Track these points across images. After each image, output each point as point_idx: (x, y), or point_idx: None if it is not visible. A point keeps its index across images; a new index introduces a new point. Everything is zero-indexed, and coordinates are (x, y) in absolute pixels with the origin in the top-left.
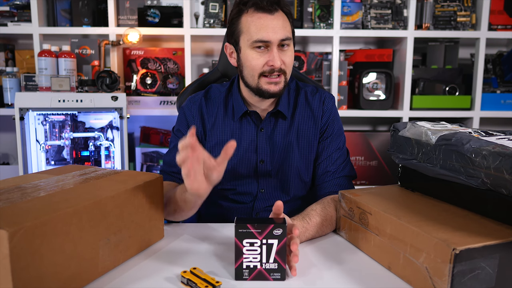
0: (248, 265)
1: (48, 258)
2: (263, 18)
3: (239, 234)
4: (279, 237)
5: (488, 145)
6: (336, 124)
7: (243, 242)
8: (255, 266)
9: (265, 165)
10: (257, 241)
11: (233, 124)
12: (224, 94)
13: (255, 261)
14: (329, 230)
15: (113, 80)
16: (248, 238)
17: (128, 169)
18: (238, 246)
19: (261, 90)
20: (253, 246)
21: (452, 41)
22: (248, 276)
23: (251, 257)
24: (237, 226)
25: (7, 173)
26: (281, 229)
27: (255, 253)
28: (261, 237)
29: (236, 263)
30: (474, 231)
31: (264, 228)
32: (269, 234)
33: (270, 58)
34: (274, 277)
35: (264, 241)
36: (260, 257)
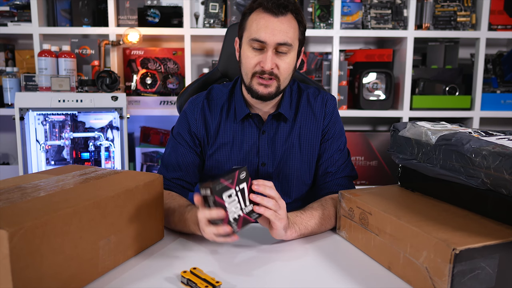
0: (234, 217)
1: (48, 258)
2: (266, 19)
3: (218, 191)
4: (245, 179)
5: (488, 145)
6: (338, 126)
7: (223, 197)
8: (239, 215)
9: (267, 167)
10: (232, 191)
11: (235, 127)
12: (226, 95)
13: (237, 210)
14: (328, 225)
15: (113, 80)
16: (225, 191)
17: (128, 169)
18: (221, 204)
19: (252, 90)
20: (231, 197)
21: (452, 41)
22: (237, 228)
23: (233, 208)
24: (214, 185)
25: (7, 173)
26: (244, 171)
27: (235, 203)
28: (234, 185)
29: (225, 221)
30: (474, 231)
31: (233, 176)
32: (238, 180)
33: (263, 59)
34: (254, 217)
35: (237, 188)
36: (239, 205)
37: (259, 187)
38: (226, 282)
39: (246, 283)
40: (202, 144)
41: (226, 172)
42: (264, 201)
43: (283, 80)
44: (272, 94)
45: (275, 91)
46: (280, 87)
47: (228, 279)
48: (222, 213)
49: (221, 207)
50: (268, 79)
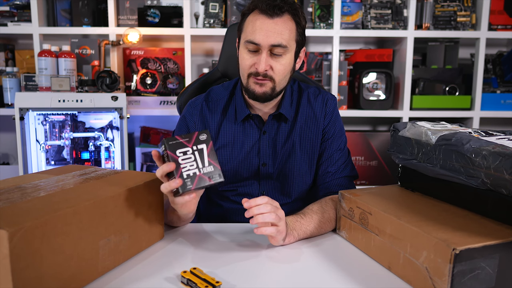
0: (188, 173)
1: (48, 258)
2: (260, 20)
3: (170, 146)
4: (206, 142)
5: (488, 145)
6: (338, 125)
7: (176, 153)
8: (195, 173)
9: (267, 168)
10: (188, 149)
11: (235, 127)
12: (226, 97)
13: (192, 168)
14: (328, 228)
15: (113, 80)
16: (180, 148)
17: (128, 169)
18: (173, 158)
19: (249, 90)
20: (186, 154)
21: (452, 41)
22: (191, 185)
23: (188, 165)
24: (166, 139)
25: (7, 173)
26: (205, 134)
27: (190, 161)
28: (191, 144)
29: (177, 175)
30: (474, 231)
31: (191, 136)
32: (196, 141)
33: (257, 61)
34: (214, 178)
35: (194, 148)
36: (196, 163)
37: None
38: (226, 282)
39: (246, 283)
40: None
41: (184, 134)
42: (266, 218)
43: (278, 82)
44: (267, 95)
45: (270, 92)
46: (275, 88)
47: (228, 279)
48: (172, 165)
49: (173, 161)
50: (262, 79)
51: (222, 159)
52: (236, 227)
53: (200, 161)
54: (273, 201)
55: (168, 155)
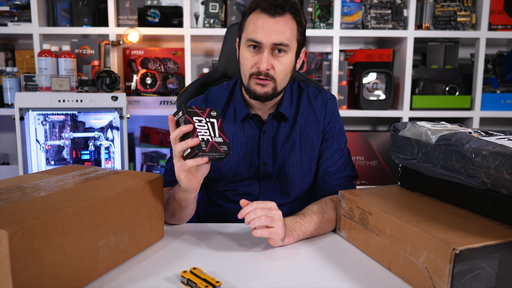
0: (203, 137)
1: (48, 258)
2: (262, 19)
3: (188, 112)
4: (216, 118)
5: (488, 145)
6: (338, 125)
7: (193, 119)
8: (208, 139)
9: (267, 167)
10: (202, 119)
11: (235, 127)
12: (226, 97)
13: (206, 135)
14: (328, 228)
15: (113, 80)
16: (196, 116)
17: (128, 169)
18: (190, 122)
19: (250, 90)
20: (201, 122)
21: (452, 41)
22: (206, 147)
23: (202, 131)
24: (185, 107)
25: (7, 173)
26: (215, 111)
27: (204, 128)
28: (204, 116)
29: (194, 135)
30: (474, 231)
31: (204, 110)
32: (209, 115)
33: (259, 60)
34: (223, 148)
35: (207, 119)
36: (208, 131)
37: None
38: (226, 282)
39: (246, 283)
40: None
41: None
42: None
43: (279, 81)
44: (268, 95)
45: (271, 92)
46: (276, 88)
47: (228, 279)
48: (190, 126)
49: (190, 123)
50: (264, 79)
51: None
52: (236, 227)
53: (212, 131)
54: (266, 203)
55: (186, 119)
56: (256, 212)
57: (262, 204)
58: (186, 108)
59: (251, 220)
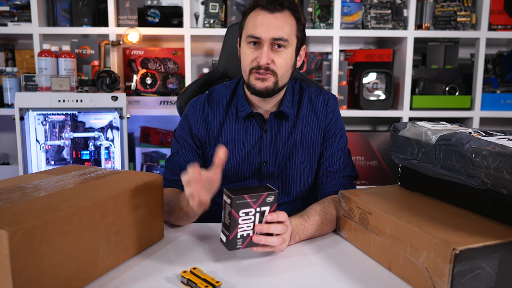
0: (242, 234)
1: (48, 258)
2: (261, 15)
3: (236, 205)
4: (270, 204)
5: (488, 145)
6: (339, 125)
7: (239, 213)
8: (248, 234)
9: (268, 166)
10: (252, 210)
11: (237, 126)
12: (228, 96)
13: (248, 229)
14: (329, 229)
15: (113, 80)
16: (244, 208)
17: (128, 169)
18: (234, 217)
19: (250, 86)
20: (248, 215)
21: (452, 41)
22: (241, 245)
23: (245, 226)
24: (235, 197)
25: (7, 173)
26: (273, 196)
27: (249, 222)
28: (256, 205)
29: (231, 234)
30: (474, 231)
31: (259, 197)
32: (262, 203)
33: (259, 54)
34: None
35: (257, 209)
36: (253, 225)
37: (272, 218)
38: (226, 282)
39: (246, 283)
40: (204, 145)
41: (255, 188)
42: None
43: (280, 76)
44: (269, 89)
45: (272, 86)
46: (278, 83)
47: (228, 279)
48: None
49: (234, 220)
50: (264, 73)
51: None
52: None
53: (258, 221)
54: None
55: (230, 212)
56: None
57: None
58: (236, 201)
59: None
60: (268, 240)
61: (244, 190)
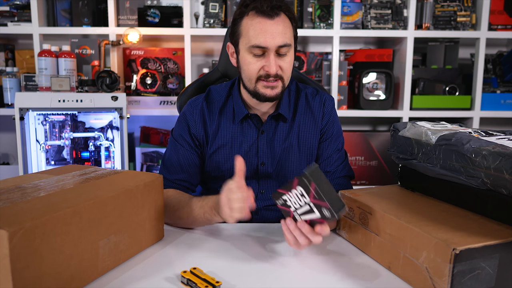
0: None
1: (48, 258)
2: (263, 23)
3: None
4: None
5: (488, 145)
6: (336, 126)
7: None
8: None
9: (266, 167)
10: (307, 199)
11: (233, 127)
12: (224, 97)
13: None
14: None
15: (113, 80)
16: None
17: (128, 169)
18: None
19: (258, 94)
20: (303, 200)
21: (452, 41)
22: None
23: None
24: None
25: (7, 173)
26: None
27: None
28: (288, 191)
29: (325, 204)
30: (474, 231)
31: (291, 185)
32: (305, 185)
33: (266, 63)
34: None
35: (293, 193)
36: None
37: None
38: (226, 282)
39: (246, 283)
40: (202, 145)
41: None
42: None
43: (286, 79)
44: (278, 95)
45: (281, 91)
46: (284, 86)
47: (228, 279)
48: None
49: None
50: (274, 80)
51: (220, 159)
52: (236, 227)
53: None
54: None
55: (316, 189)
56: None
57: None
58: (313, 169)
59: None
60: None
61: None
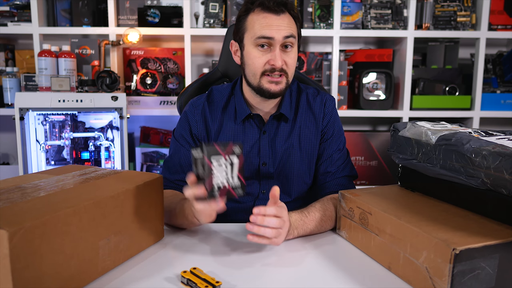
0: (218, 183)
1: (48, 258)
2: (269, 18)
3: (208, 152)
4: (238, 156)
5: (488, 145)
6: (337, 125)
7: (211, 159)
8: (223, 184)
9: (267, 167)
10: (222, 158)
11: (235, 127)
12: (226, 97)
13: (222, 179)
14: (328, 226)
15: (113, 80)
16: (215, 154)
17: (128, 169)
18: (208, 165)
19: (262, 89)
20: (220, 162)
21: (452, 41)
22: (218, 195)
23: (219, 174)
24: (206, 145)
25: (7, 173)
26: (238, 147)
27: (221, 171)
28: (225, 154)
29: (208, 181)
30: (474, 231)
31: (226, 146)
32: (231, 152)
33: (272, 57)
34: (238, 192)
35: (227, 159)
36: (226, 174)
37: (257, 219)
38: (226, 282)
39: (246, 283)
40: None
41: (221, 143)
42: (260, 230)
43: (290, 76)
44: (283, 91)
45: (285, 87)
46: (288, 82)
47: (228, 279)
48: (203, 190)
49: (208, 170)
50: (278, 75)
51: None
52: (236, 227)
53: (230, 173)
54: (282, 211)
55: (204, 163)
56: (271, 222)
57: (279, 212)
58: (207, 148)
59: (259, 225)
60: (261, 230)
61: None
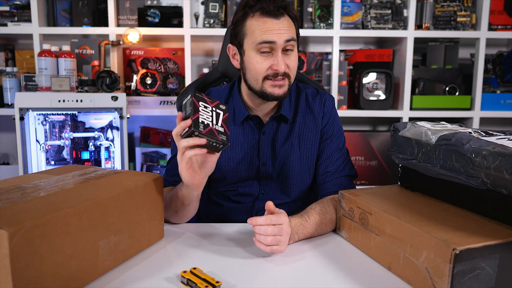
0: (203, 121)
1: (48, 258)
2: (269, 22)
3: (196, 97)
4: (223, 111)
5: (488, 145)
6: (336, 125)
7: (199, 103)
8: (208, 124)
9: (267, 168)
10: (209, 106)
11: (234, 129)
12: (224, 98)
13: (208, 120)
14: (328, 229)
15: (113, 80)
16: (203, 101)
17: (128, 169)
18: (195, 104)
19: (265, 93)
20: (207, 109)
21: (452, 41)
22: (203, 130)
23: (205, 115)
24: (194, 91)
25: (7, 173)
26: (224, 105)
27: (207, 114)
28: (212, 105)
29: (194, 115)
30: (474, 231)
31: (213, 100)
32: (216, 106)
33: (274, 62)
34: (222, 137)
35: (214, 108)
36: (211, 118)
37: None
38: (226, 282)
39: (246, 283)
40: None
41: (208, 97)
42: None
43: (292, 77)
44: (286, 94)
45: (288, 90)
46: (290, 84)
47: (228, 279)
48: (189, 122)
49: (195, 107)
50: (281, 79)
51: (222, 159)
52: (236, 227)
53: (215, 120)
54: (279, 218)
55: (191, 102)
56: (267, 230)
57: (275, 220)
58: (195, 92)
59: (258, 234)
60: (260, 238)
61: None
